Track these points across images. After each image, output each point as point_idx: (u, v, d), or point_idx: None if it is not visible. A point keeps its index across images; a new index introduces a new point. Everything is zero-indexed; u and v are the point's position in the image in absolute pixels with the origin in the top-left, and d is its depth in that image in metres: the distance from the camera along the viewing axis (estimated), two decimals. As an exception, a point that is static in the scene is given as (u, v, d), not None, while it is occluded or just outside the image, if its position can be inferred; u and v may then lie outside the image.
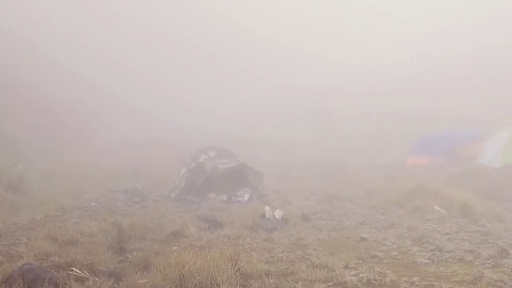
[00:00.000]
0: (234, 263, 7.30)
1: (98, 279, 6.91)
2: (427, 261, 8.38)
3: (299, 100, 44.29)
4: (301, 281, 7.10)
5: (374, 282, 7.19)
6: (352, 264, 8.27)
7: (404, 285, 7.06)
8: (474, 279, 7.17)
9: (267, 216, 11.77)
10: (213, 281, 6.63)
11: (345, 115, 38.10)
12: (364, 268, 7.98)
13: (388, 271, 7.77)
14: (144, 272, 7.13)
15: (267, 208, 12.14)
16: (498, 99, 34.28)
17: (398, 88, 43.48)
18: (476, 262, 8.15)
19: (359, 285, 6.99)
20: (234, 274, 6.94)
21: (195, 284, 6.57)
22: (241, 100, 47.14)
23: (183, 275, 6.65)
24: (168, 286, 6.60)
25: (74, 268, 7.08)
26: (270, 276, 7.28)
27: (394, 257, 8.78)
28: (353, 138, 31.14)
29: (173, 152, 25.96)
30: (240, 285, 6.81)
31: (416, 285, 7.04)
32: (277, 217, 11.83)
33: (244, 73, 53.19)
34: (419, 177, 17.45)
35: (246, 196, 16.44)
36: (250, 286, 6.89)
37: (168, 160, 23.90)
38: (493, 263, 8.07)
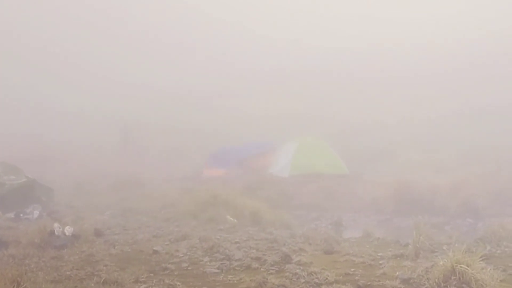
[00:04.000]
0: (16, 284, 6.88)
1: None
2: (216, 270, 8.58)
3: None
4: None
5: (163, 294, 7.19)
6: (143, 277, 8.21)
7: (192, 295, 7.14)
8: (258, 285, 7.49)
9: (56, 233, 11.26)
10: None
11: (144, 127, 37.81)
12: (154, 281, 7.96)
13: (178, 283, 7.84)
14: None
15: (56, 225, 11.61)
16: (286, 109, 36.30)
17: (190, 103, 44.02)
18: (261, 269, 8.51)
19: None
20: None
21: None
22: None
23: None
24: None
25: None
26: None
27: (185, 268, 8.87)
28: (151, 150, 31.00)
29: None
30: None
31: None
32: (67, 233, 11.36)
33: None
34: (214, 189, 17.85)
35: (36, 213, 15.62)
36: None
37: None
38: (277, 268, 8.48)
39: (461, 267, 7.17)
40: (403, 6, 56.69)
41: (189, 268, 8.88)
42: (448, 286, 7.12)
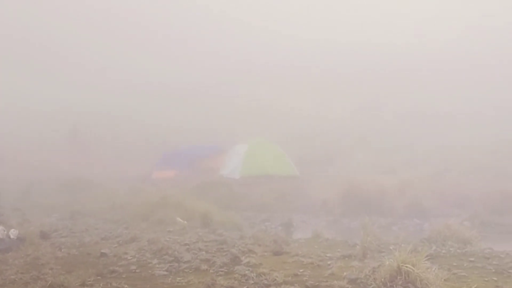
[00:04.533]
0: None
1: None
2: (165, 272, 8.51)
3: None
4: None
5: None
6: (89, 281, 8.07)
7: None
8: (206, 287, 7.46)
9: (0, 236, 11.00)
10: None
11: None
12: (101, 285, 7.84)
13: (126, 286, 7.75)
14: None
15: (0, 227, 11.35)
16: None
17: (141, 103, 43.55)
18: (210, 271, 8.48)
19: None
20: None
21: None
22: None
23: None
24: None
25: None
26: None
27: (133, 271, 8.76)
28: (100, 152, 30.58)
29: None
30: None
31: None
32: (12, 236, 11.11)
33: None
34: (164, 190, 17.77)
35: (-21, 216, 15.21)
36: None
37: None
38: (226, 270, 8.47)
39: (406, 267, 7.28)
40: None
41: (137, 270, 8.78)
42: (394, 286, 7.23)
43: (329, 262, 8.98)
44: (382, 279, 7.38)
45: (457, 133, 29.52)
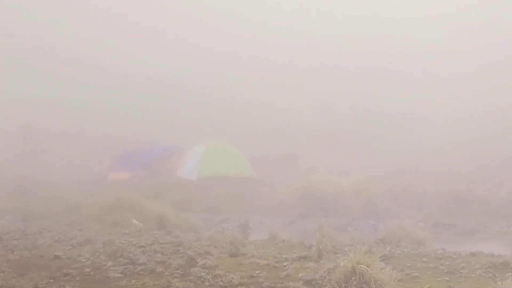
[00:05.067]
0: None
1: None
2: (120, 275, 8.42)
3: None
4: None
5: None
6: (42, 284, 7.94)
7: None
8: (162, 289, 7.43)
9: (-51, 239, 10.74)
10: None
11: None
12: (54, 287, 7.73)
13: (79, 289, 7.65)
14: None
15: (-51, 230, 11.07)
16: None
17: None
18: (166, 273, 8.42)
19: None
20: None
21: None
22: None
23: None
24: None
25: None
26: None
27: (88, 273, 8.64)
28: (51, 153, 29.95)
29: None
30: None
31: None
32: (-38, 239, 10.86)
33: None
34: (120, 191, 17.58)
35: None
36: None
37: None
38: (181, 272, 8.42)
39: (361, 267, 7.37)
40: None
41: (91, 273, 8.66)
42: (349, 287, 7.31)
43: (285, 264, 9.01)
44: (337, 280, 7.46)
45: (412, 134, 30.00)
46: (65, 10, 55.39)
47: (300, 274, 8.11)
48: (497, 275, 8.40)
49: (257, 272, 8.48)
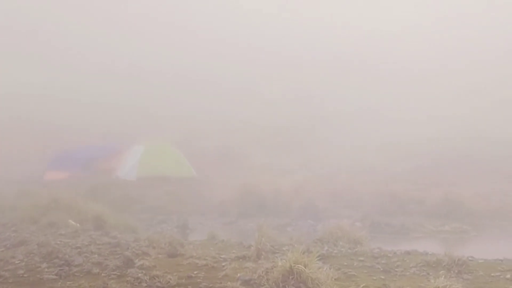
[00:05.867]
0: None
1: None
2: (55, 276, 8.22)
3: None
4: None
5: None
6: (-28, 287, 7.70)
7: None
8: (96, 291, 7.30)
9: None
10: None
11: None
12: (-15, 290, 7.49)
13: (12, 291, 7.44)
14: None
15: None
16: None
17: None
18: (102, 274, 8.28)
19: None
20: None
21: None
22: None
23: None
24: None
25: None
26: None
27: (21, 275, 8.41)
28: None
29: None
30: None
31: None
32: None
33: None
34: (56, 192, 17.19)
35: None
36: None
37: None
38: (118, 273, 8.29)
39: (298, 267, 7.43)
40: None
41: (25, 275, 8.43)
42: (286, 286, 7.36)
43: (223, 264, 9.00)
44: (275, 280, 7.50)
45: (351, 133, 30.38)
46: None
47: (238, 274, 8.11)
48: (430, 273, 8.62)
49: (195, 272, 8.43)
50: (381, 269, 8.96)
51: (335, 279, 7.81)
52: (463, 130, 30.38)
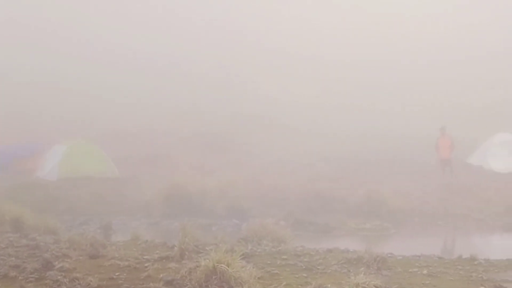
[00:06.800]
0: None
1: None
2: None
3: None
4: None
5: None
6: None
7: None
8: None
9: None
10: None
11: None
12: None
13: None
14: None
15: None
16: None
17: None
18: (20, 277, 8.00)
19: None
20: None
21: None
22: None
23: None
24: None
25: None
26: None
27: None
28: None
29: None
30: None
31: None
32: None
33: None
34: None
35: None
36: None
37: None
38: (37, 276, 8.04)
39: (221, 266, 7.44)
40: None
41: None
42: (209, 286, 7.35)
43: (146, 264, 8.91)
44: (198, 280, 7.49)
45: (276, 134, 30.60)
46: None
47: (161, 275, 8.05)
48: (351, 270, 8.82)
49: (117, 274, 8.31)
50: (304, 267, 9.09)
51: (258, 278, 7.87)
52: (386, 130, 31.18)
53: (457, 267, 9.72)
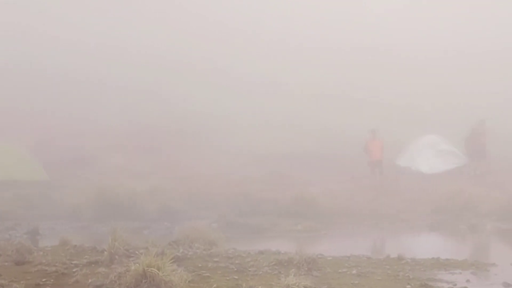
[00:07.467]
0: None
1: None
2: None
3: None
4: None
5: None
6: None
7: None
8: None
9: None
10: None
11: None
12: None
13: None
14: None
15: None
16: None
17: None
18: None
19: None
20: None
21: None
22: None
23: None
24: None
25: None
26: None
27: None
28: None
29: None
30: None
31: None
32: None
33: None
34: None
35: None
36: None
37: None
38: None
39: (151, 270, 7.37)
40: None
41: None
42: (139, 290, 7.28)
43: (74, 270, 8.73)
44: (128, 284, 7.42)
45: (209, 137, 30.38)
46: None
47: (90, 280, 7.93)
48: (282, 272, 8.91)
49: (43, 280, 8.12)
50: (235, 269, 9.11)
51: (189, 281, 7.85)
52: (315, 130, 31.37)
53: (385, 267, 9.98)
